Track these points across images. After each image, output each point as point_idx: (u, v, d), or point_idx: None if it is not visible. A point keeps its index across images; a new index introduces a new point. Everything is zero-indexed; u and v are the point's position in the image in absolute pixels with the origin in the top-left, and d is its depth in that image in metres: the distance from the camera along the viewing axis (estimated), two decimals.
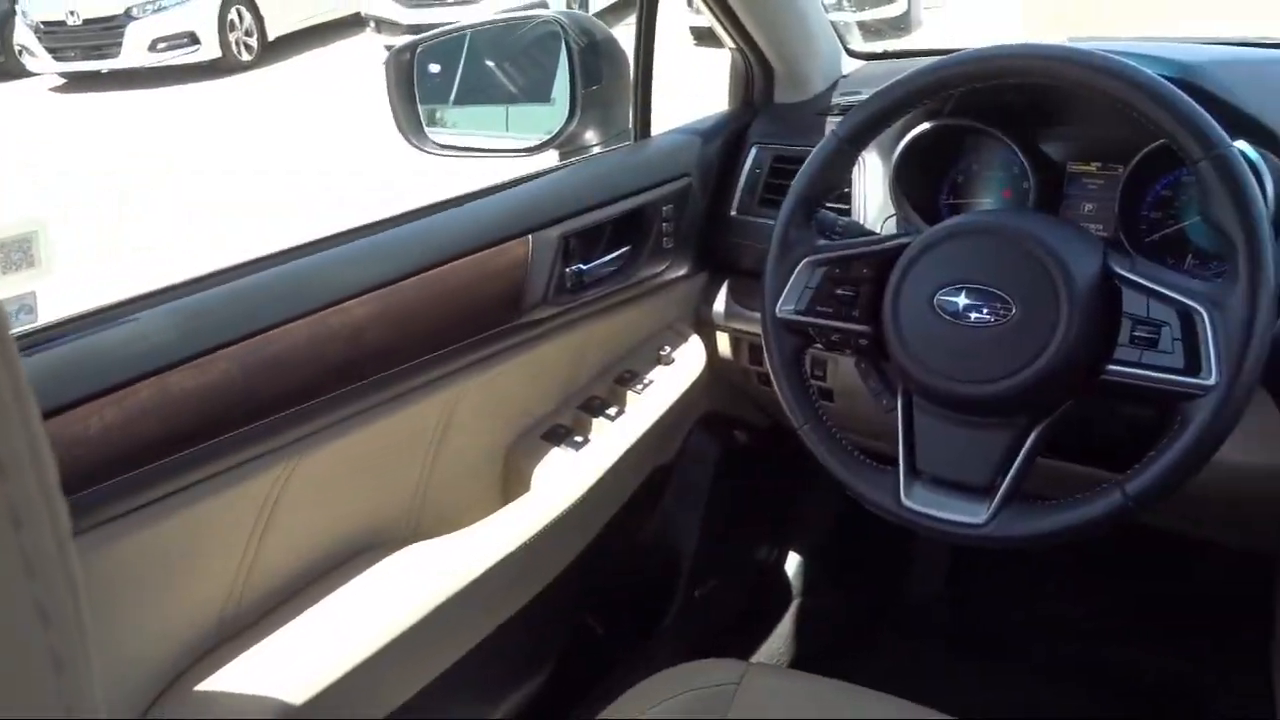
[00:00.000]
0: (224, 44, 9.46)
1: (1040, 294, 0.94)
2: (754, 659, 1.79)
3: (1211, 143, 0.90)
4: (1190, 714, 1.65)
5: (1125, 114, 0.94)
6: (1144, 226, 1.25)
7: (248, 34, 9.73)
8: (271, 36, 9.93)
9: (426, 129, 1.45)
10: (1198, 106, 0.92)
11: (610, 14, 7.96)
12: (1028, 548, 0.96)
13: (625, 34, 1.50)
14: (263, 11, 9.79)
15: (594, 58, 1.45)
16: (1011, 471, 0.96)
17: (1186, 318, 0.90)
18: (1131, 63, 0.94)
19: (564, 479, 1.30)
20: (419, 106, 1.44)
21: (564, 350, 1.39)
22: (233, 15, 9.54)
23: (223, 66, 9.44)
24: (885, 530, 2.00)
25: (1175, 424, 0.90)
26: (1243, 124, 1.15)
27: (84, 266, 4.59)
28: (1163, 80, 0.92)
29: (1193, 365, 0.89)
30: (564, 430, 1.37)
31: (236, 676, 1.02)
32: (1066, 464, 1.16)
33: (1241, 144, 1.10)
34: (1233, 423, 0.88)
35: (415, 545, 1.20)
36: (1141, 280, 0.93)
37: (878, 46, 1.73)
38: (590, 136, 1.48)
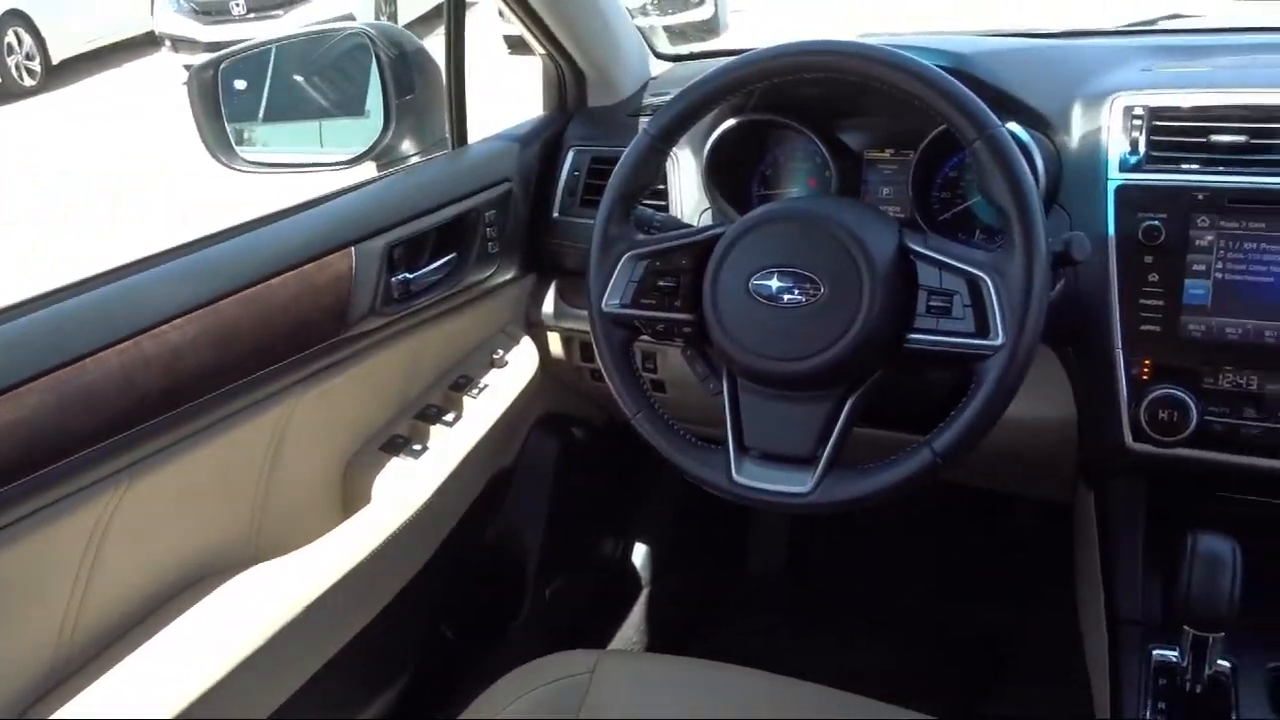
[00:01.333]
0: (2, 69, 8.82)
1: (845, 273, 1.00)
2: (609, 648, 1.83)
3: (984, 125, 0.98)
4: (1010, 661, 1.78)
5: (910, 103, 1.02)
6: (936, 206, 1.35)
7: (28, 57, 9.10)
8: (56, 60, 9.32)
9: (236, 147, 1.41)
10: (970, 93, 0.99)
11: (420, 24, 7.86)
12: (852, 510, 1.02)
13: (437, 44, 1.50)
14: (44, 33, 9.17)
15: (405, 68, 1.45)
16: (831, 441, 1.02)
17: (974, 286, 0.98)
18: (911, 55, 1.01)
19: (405, 489, 1.30)
20: (226, 124, 1.41)
21: (397, 360, 1.39)
22: (9, 38, 8.89)
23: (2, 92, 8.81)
24: (725, 511, 2.08)
25: (972, 384, 0.98)
26: (1012, 107, 1.26)
27: None
28: (939, 70, 1.00)
29: (982, 328, 0.97)
30: (402, 440, 1.37)
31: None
32: (882, 431, 1.24)
33: (1013, 125, 1.20)
34: (1020, 378, 0.96)
35: (255, 568, 1.18)
36: (933, 254, 1.00)
37: (685, 49, 1.78)
38: (407, 146, 1.48)
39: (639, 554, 2.02)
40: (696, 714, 1.06)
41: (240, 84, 1.45)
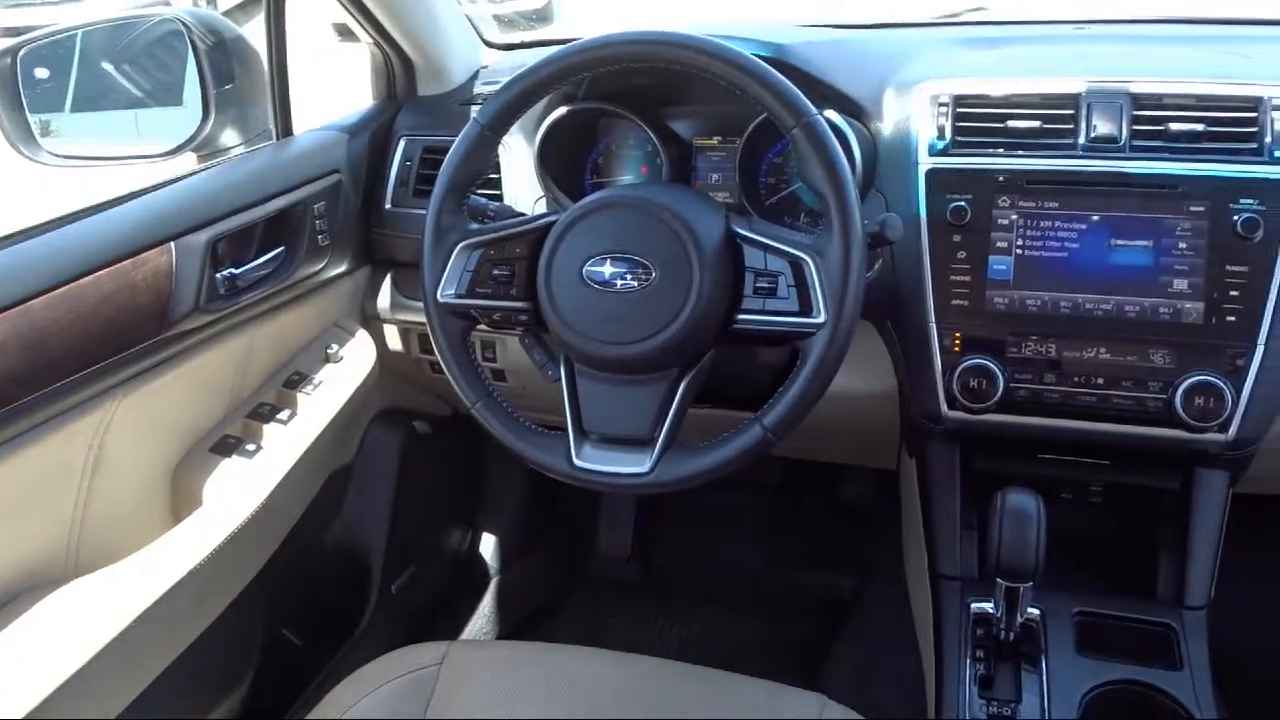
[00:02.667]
0: None
1: (675, 258, 1.03)
2: (460, 639, 1.82)
3: (801, 113, 1.02)
4: (847, 623, 1.86)
5: (734, 92, 1.05)
6: (763, 191, 1.40)
7: None
8: None
9: (41, 139, 1.33)
10: (788, 82, 1.03)
11: (240, 12, 7.53)
12: (690, 487, 1.06)
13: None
14: None
15: (223, 57, 1.40)
16: (668, 421, 1.05)
17: (797, 267, 1.02)
18: (731, 45, 1.05)
19: (238, 491, 1.26)
20: (28, 115, 1.32)
21: (226, 358, 1.34)
22: None
23: None
24: (572, 497, 2.10)
25: (797, 361, 1.02)
26: (830, 96, 1.32)
27: None
28: (758, 60, 1.04)
29: (806, 307, 1.01)
30: (234, 441, 1.33)
31: None
32: (718, 410, 1.28)
33: (830, 113, 1.26)
34: (842, 353, 1.01)
35: (77, 581, 1.12)
36: (757, 237, 1.04)
37: (516, 37, 1.78)
38: (230, 138, 1.43)
39: (487, 544, 2.02)
40: (547, 697, 1.07)
41: (42, 72, 1.37)
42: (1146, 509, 1.31)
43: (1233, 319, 1.13)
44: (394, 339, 1.60)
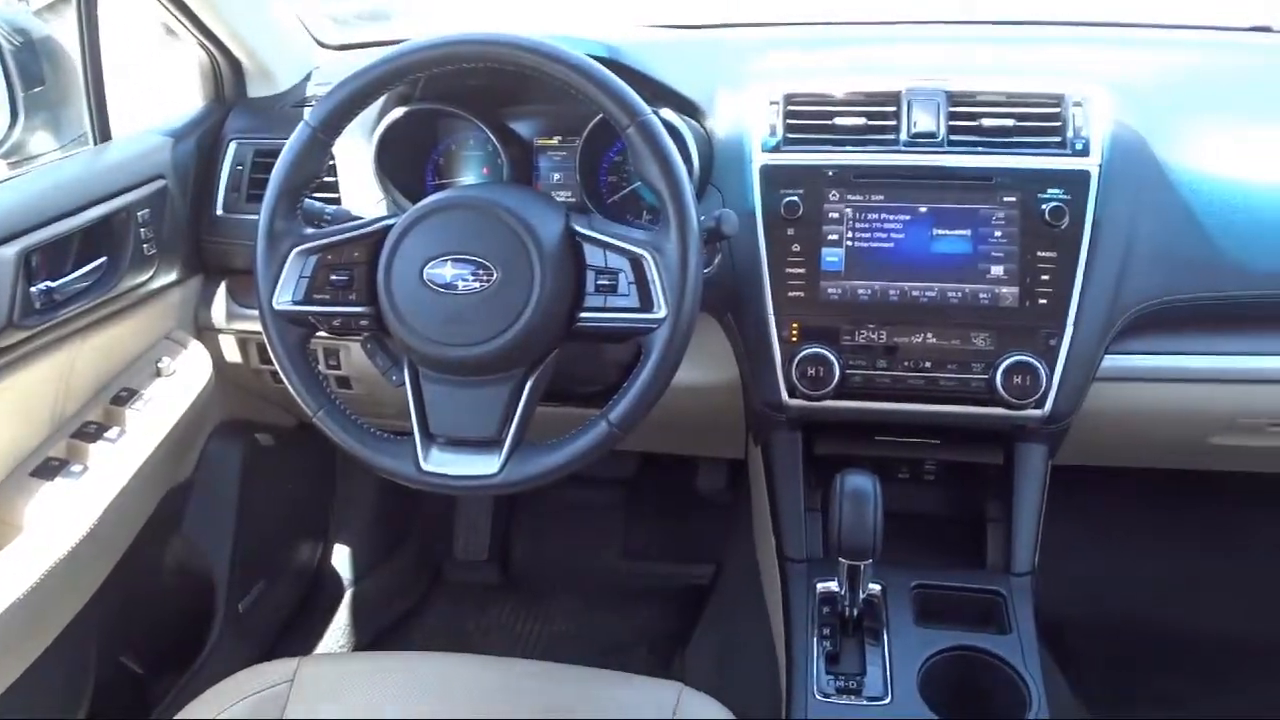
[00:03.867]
0: None
1: (516, 258, 1.03)
2: (320, 652, 1.78)
3: (635, 112, 1.03)
4: (705, 609, 1.90)
5: (567, 92, 1.06)
6: (604, 190, 1.41)
7: None
8: None
9: None
10: (621, 82, 1.05)
11: (50, 11, 7.10)
12: (540, 485, 1.06)
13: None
14: None
15: (32, 58, 1.33)
16: (515, 421, 1.05)
17: (636, 263, 1.04)
18: (564, 45, 1.05)
19: (64, 516, 1.19)
20: None
21: (45, 376, 1.27)
22: None
23: None
24: (426, 503, 2.07)
25: (640, 356, 1.04)
26: (664, 95, 1.34)
27: None
28: (591, 60, 1.05)
29: (646, 303, 1.03)
30: (57, 463, 1.26)
31: None
32: (569, 409, 1.28)
33: (665, 112, 1.28)
34: (683, 347, 1.03)
35: None
36: (597, 235, 1.06)
37: (351, 37, 1.74)
38: (42, 143, 1.36)
39: (340, 556, 1.98)
40: (403, 705, 1.06)
41: None
42: (976, 484, 1.39)
43: (1044, 302, 1.20)
44: (231, 350, 1.55)
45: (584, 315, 1.05)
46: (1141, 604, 1.85)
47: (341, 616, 1.89)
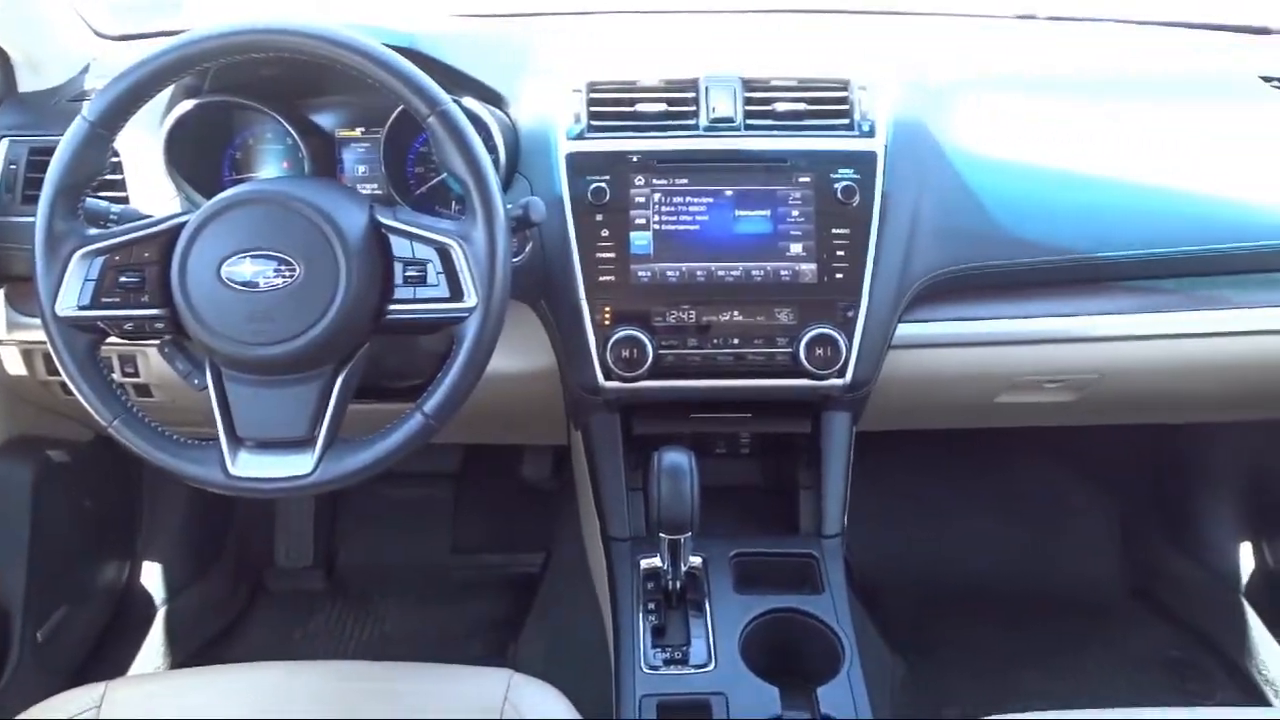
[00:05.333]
0: None
1: (319, 253, 1.01)
2: (130, 674, 1.69)
3: (435, 101, 1.03)
4: (536, 596, 1.92)
5: (364, 82, 1.04)
6: (412, 181, 1.39)
7: None
8: None
9: None
10: (419, 71, 1.04)
11: None
12: (356, 482, 1.04)
13: None
14: None
15: None
16: (327, 419, 1.03)
17: (444, 253, 1.04)
18: (358, 34, 1.03)
19: None
20: None
21: None
22: None
23: None
24: (243, 511, 2.00)
25: (453, 347, 1.04)
26: (466, 84, 1.34)
27: None
28: (388, 50, 1.03)
29: (456, 292, 1.03)
30: None
31: None
32: (381, 406, 1.27)
33: (468, 101, 1.28)
34: (495, 335, 1.04)
35: None
36: (402, 226, 1.05)
37: (133, 27, 1.65)
38: None
39: (150, 573, 1.88)
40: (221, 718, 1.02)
41: None
42: (787, 453, 1.45)
43: (840, 276, 1.27)
44: (14, 362, 1.45)
45: (393, 308, 1.04)
46: (943, 557, 1.99)
47: (155, 636, 1.80)
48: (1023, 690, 1.73)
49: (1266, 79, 1.46)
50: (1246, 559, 1.87)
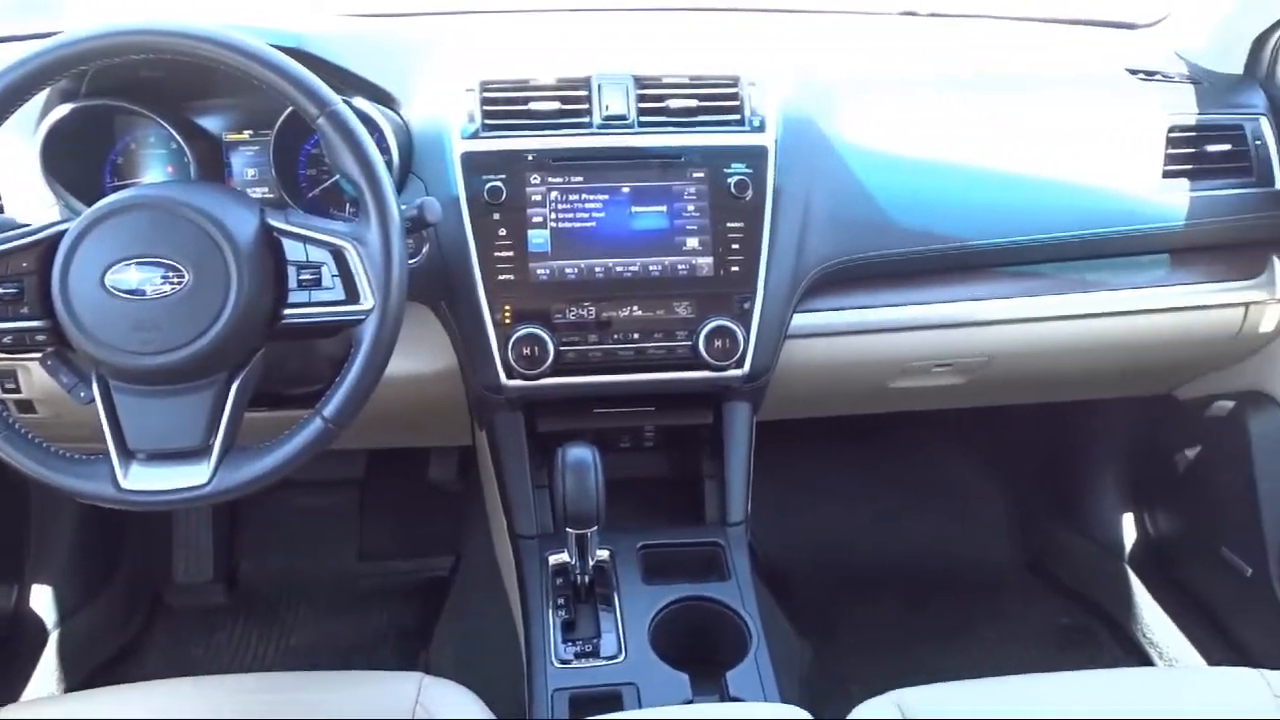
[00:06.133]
0: None
1: (208, 258, 0.99)
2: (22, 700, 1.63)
3: (324, 102, 1.02)
4: (447, 601, 1.90)
5: (250, 84, 1.02)
6: (304, 184, 1.37)
7: None
8: None
9: None
10: (307, 72, 1.03)
11: None
12: (255, 490, 1.03)
13: None
14: None
15: None
16: (222, 426, 1.01)
17: (339, 255, 1.03)
18: (243, 35, 1.02)
19: None
20: None
21: None
22: None
23: None
24: (139, 526, 1.93)
25: (351, 349, 1.03)
26: (356, 84, 1.32)
27: None
28: (273, 50, 1.02)
29: (352, 295, 1.02)
30: None
31: None
32: (281, 413, 1.25)
33: (358, 101, 1.26)
34: (393, 336, 1.03)
35: None
36: (294, 229, 1.03)
37: (5, 28, 1.58)
38: None
39: (41, 596, 1.81)
40: None
41: None
42: (691, 445, 1.47)
43: (736, 269, 1.29)
44: None
45: (288, 312, 1.03)
46: (846, 541, 2.04)
47: (48, 661, 1.73)
48: (923, 666, 1.79)
49: (1133, 71, 1.53)
50: (1130, 529, 1.97)
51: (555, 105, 1.31)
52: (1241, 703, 0.99)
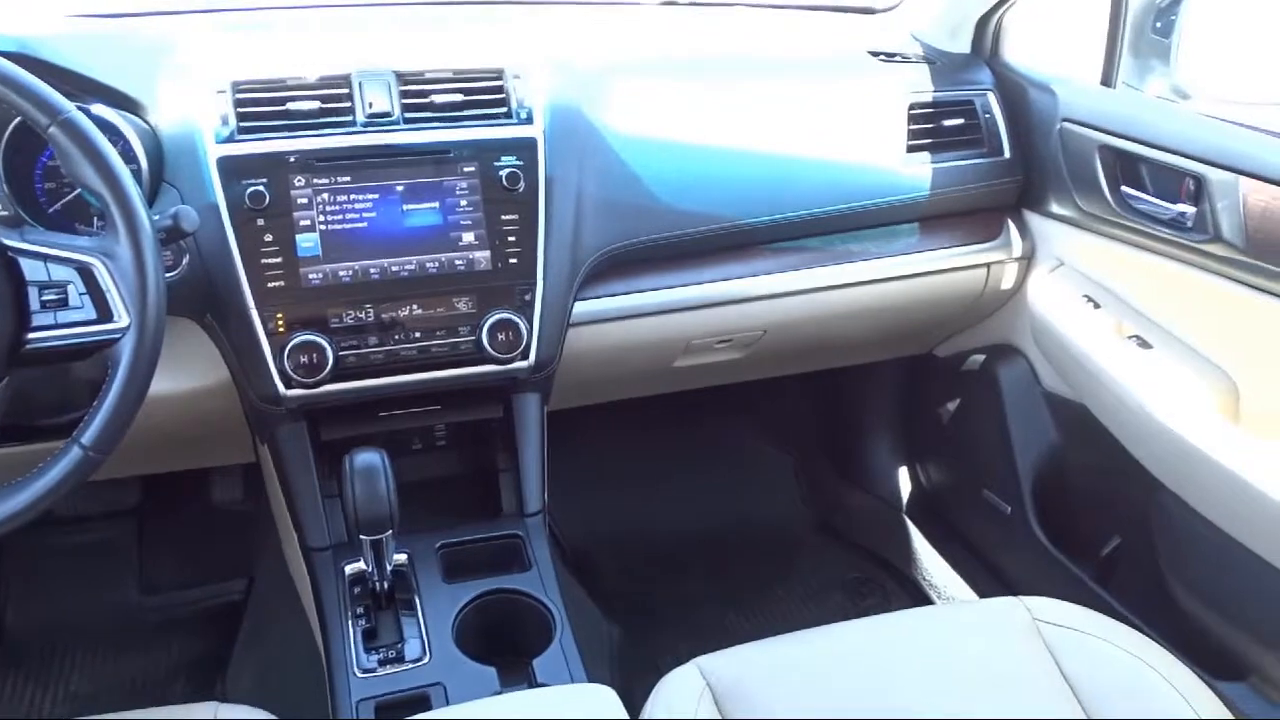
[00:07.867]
0: None
1: None
2: None
3: (55, 109, 0.95)
4: (242, 626, 1.82)
5: None
6: (43, 199, 1.27)
7: None
8: None
9: None
10: (34, 78, 0.95)
11: None
12: (9, 530, 0.95)
13: None
14: None
15: None
16: None
17: (86, 272, 0.96)
18: None
19: None
20: None
21: None
22: None
23: None
24: None
25: (108, 371, 0.97)
26: (94, 89, 1.24)
27: None
28: None
29: (105, 313, 0.96)
30: None
31: None
32: (36, 446, 1.16)
33: (97, 107, 1.19)
34: (154, 355, 0.98)
35: None
36: (31, 247, 0.96)
37: None
38: None
39: None
40: None
41: None
42: (483, 440, 1.47)
43: (515, 261, 1.30)
44: None
45: (32, 336, 0.95)
46: (648, 519, 2.09)
47: None
48: (727, 631, 1.86)
49: (874, 54, 1.64)
50: (905, 482, 2.11)
51: (315, 105, 1.27)
52: (1005, 628, 1.09)
